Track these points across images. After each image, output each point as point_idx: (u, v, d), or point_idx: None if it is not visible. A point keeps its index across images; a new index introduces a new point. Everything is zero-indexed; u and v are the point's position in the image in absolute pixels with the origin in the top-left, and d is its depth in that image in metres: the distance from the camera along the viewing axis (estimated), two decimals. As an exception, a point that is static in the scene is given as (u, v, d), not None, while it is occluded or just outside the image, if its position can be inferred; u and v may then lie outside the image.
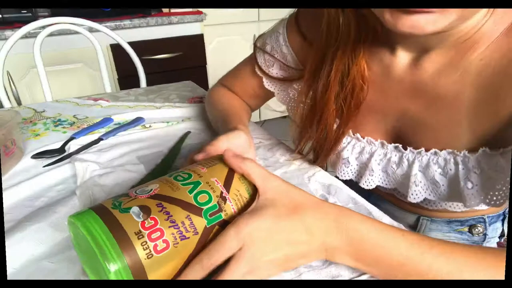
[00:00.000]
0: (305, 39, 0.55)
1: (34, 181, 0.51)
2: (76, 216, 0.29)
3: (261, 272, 0.32)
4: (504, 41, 0.39)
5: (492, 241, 0.58)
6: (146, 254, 0.28)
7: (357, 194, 0.49)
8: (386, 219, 0.43)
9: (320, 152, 0.53)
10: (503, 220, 0.57)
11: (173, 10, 1.81)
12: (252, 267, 0.31)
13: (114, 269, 0.27)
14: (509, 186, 0.40)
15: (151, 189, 0.32)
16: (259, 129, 0.69)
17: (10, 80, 1.46)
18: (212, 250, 0.30)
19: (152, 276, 0.28)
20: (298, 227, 0.33)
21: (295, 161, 0.57)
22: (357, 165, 0.53)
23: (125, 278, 0.27)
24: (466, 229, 0.56)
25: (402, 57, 0.45)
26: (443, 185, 0.45)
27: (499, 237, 0.58)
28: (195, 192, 0.32)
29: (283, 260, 0.33)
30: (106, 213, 0.29)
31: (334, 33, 0.46)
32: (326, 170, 0.57)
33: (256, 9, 2.11)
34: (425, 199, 0.48)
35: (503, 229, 0.58)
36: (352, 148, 0.52)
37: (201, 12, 1.79)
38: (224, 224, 0.32)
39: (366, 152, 0.51)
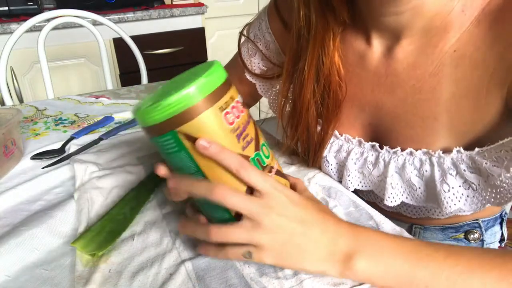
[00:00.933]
0: (285, 25, 0.53)
1: (32, 184, 0.51)
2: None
3: (264, 234, 0.32)
4: (475, 32, 0.38)
5: (492, 247, 0.56)
6: (220, 110, 0.31)
7: (358, 197, 0.48)
8: (388, 223, 0.42)
9: (307, 153, 0.52)
10: (501, 224, 0.56)
11: (175, 2, 1.79)
12: (260, 218, 0.32)
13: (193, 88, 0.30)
14: (489, 189, 0.39)
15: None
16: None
17: (13, 76, 1.46)
18: (249, 168, 0.32)
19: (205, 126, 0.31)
20: (318, 219, 0.34)
21: (295, 162, 0.55)
22: (336, 163, 0.51)
23: (194, 99, 0.30)
24: (462, 235, 0.54)
25: (377, 45, 0.45)
26: (419, 187, 0.44)
27: (499, 242, 0.56)
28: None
29: (289, 233, 0.33)
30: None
31: (300, 26, 0.45)
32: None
33: (256, 1, 2.08)
34: (403, 204, 0.47)
35: (502, 233, 0.56)
36: (330, 146, 0.50)
37: (202, 4, 1.77)
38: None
39: (343, 151, 0.50)
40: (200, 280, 0.35)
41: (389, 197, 0.46)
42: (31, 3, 1.48)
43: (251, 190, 0.34)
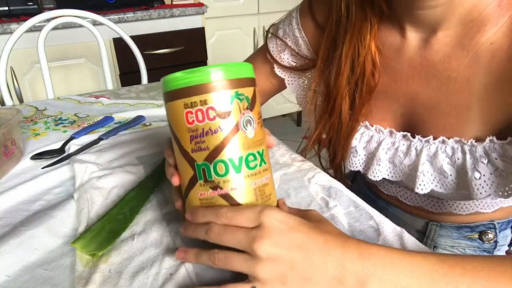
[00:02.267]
0: (318, 25, 0.54)
1: (32, 184, 0.51)
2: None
3: (262, 267, 0.30)
4: None
5: (502, 249, 0.56)
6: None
7: (358, 197, 0.48)
8: (388, 223, 0.42)
9: (337, 145, 0.52)
10: None
11: (175, 2, 1.79)
12: (254, 251, 0.30)
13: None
14: None
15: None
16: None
17: (13, 76, 1.46)
18: (234, 208, 0.33)
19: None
20: (318, 242, 0.31)
21: (295, 162, 0.55)
22: (364, 155, 0.52)
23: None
24: (476, 235, 0.54)
25: (412, 38, 0.45)
26: (451, 175, 0.45)
27: (508, 246, 0.56)
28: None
29: (288, 263, 0.30)
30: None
31: (340, 16, 0.47)
32: (343, 172, 0.55)
33: (256, 1, 2.09)
34: (428, 197, 0.47)
35: None
36: (361, 137, 0.51)
37: (202, 4, 1.77)
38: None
39: (374, 141, 0.51)
40: (201, 280, 0.35)
41: (420, 185, 0.46)
42: (31, 3, 1.48)
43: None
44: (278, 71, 0.60)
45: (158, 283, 0.35)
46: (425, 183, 0.46)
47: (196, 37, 1.80)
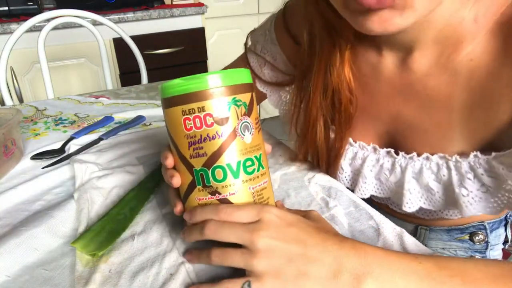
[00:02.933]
0: (293, 38, 0.53)
1: (32, 184, 0.51)
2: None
3: (260, 261, 0.31)
4: (492, 43, 0.38)
5: (496, 248, 0.56)
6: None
7: (358, 198, 0.48)
8: (388, 223, 0.42)
9: (324, 164, 0.52)
10: (505, 226, 0.56)
11: (175, 2, 1.79)
12: (252, 244, 0.31)
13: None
14: (506, 194, 0.39)
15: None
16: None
17: (13, 76, 1.46)
18: (234, 205, 0.34)
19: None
20: (316, 238, 0.32)
21: (295, 162, 0.55)
22: (351, 171, 0.51)
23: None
24: (467, 237, 0.54)
25: (389, 58, 0.45)
26: (438, 192, 0.44)
27: (503, 244, 0.57)
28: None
29: (286, 256, 0.31)
30: None
31: (308, 44, 0.45)
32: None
33: (256, 1, 2.09)
34: (420, 209, 0.47)
35: (506, 235, 0.56)
36: (345, 154, 0.50)
37: (202, 4, 1.77)
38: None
39: (358, 158, 0.50)
40: (201, 281, 0.35)
41: (407, 203, 0.46)
42: (31, 3, 1.48)
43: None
44: (259, 86, 0.59)
45: (158, 283, 0.35)
46: (413, 201, 0.45)
47: (196, 37, 1.80)
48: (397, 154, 0.46)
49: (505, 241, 0.57)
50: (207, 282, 0.34)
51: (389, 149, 0.47)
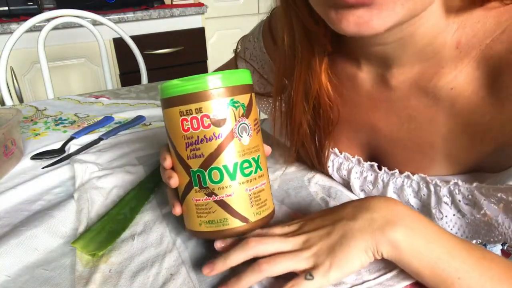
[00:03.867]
0: (276, 44, 0.53)
1: (32, 184, 0.51)
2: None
3: (309, 252, 0.33)
4: (475, 75, 0.36)
5: (495, 250, 0.56)
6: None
7: (358, 198, 0.47)
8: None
9: (315, 164, 0.52)
10: None
11: (175, 2, 1.79)
12: (294, 242, 0.33)
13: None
14: (481, 224, 0.39)
15: None
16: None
17: (13, 76, 1.46)
18: (268, 236, 0.35)
19: None
20: (340, 205, 0.36)
21: (295, 162, 0.55)
22: (342, 180, 0.51)
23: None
24: None
25: (367, 71, 0.44)
26: (417, 209, 0.44)
27: (502, 245, 0.56)
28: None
29: (326, 234, 0.33)
30: None
31: (287, 50, 0.44)
32: None
33: (256, 1, 2.09)
34: None
35: None
36: (332, 164, 0.51)
37: (202, 4, 1.77)
38: None
39: (343, 169, 0.50)
40: (201, 281, 0.35)
41: None
42: (31, 3, 1.48)
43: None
44: None
45: (159, 283, 0.35)
46: None
47: (196, 37, 1.80)
48: (380, 168, 0.46)
49: (504, 242, 0.57)
50: (214, 285, 0.34)
51: (372, 163, 0.47)
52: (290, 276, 0.32)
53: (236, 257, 0.33)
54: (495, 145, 0.38)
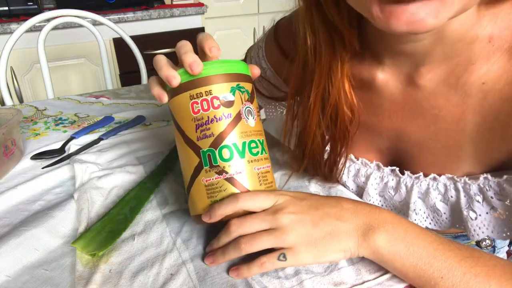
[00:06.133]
0: (285, 55, 0.51)
1: (32, 184, 0.51)
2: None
3: (289, 235, 0.34)
4: (508, 67, 0.36)
5: (502, 251, 0.56)
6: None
7: (358, 198, 0.47)
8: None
9: (326, 178, 0.50)
10: None
11: (175, 2, 1.79)
12: (277, 222, 0.34)
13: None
14: None
15: None
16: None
17: (13, 76, 1.46)
18: (252, 193, 0.35)
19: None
20: (331, 201, 0.36)
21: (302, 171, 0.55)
22: (356, 187, 0.51)
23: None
24: (474, 242, 0.54)
25: (391, 72, 0.42)
26: (444, 213, 0.43)
27: (508, 245, 0.56)
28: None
29: (310, 222, 0.34)
30: None
31: (309, 53, 0.42)
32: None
33: (256, 1, 2.09)
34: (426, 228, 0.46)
35: None
36: (348, 171, 0.49)
37: (202, 4, 1.77)
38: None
39: (361, 175, 0.49)
40: (201, 281, 0.35)
41: None
42: (31, 3, 1.48)
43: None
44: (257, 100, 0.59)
45: (159, 283, 0.35)
46: (418, 221, 0.45)
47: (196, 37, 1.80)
48: (402, 173, 0.45)
49: (510, 242, 0.56)
50: (215, 285, 0.34)
51: (393, 168, 0.46)
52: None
53: (223, 241, 0.36)
54: None
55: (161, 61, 0.36)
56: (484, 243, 0.53)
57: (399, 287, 0.34)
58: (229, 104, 0.36)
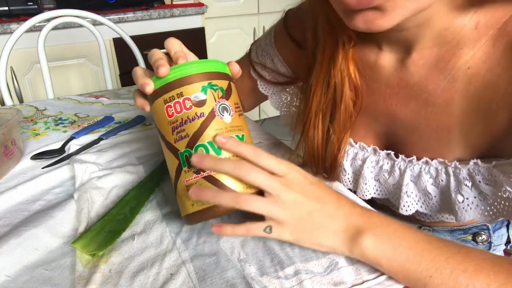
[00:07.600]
0: (295, 41, 0.54)
1: (32, 184, 0.51)
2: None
3: (283, 210, 0.35)
4: (491, 52, 0.37)
5: (498, 249, 0.56)
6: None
7: (358, 198, 0.47)
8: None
9: (319, 169, 0.51)
10: (507, 226, 0.56)
11: (175, 2, 1.80)
12: (280, 194, 0.35)
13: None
14: (502, 202, 0.39)
15: None
16: (258, 129, 0.67)
17: (13, 76, 1.46)
18: (269, 155, 0.36)
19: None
20: (332, 197, 0.37)
21: (294, 162, 0.55)
22: (352, 172, 0.51)
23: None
24: (470, 237, 0.54)
25: (388, 58, 0.45)
26: (435, 196, 0.44)
27: (505, 244, 0.56)
28: None
29: (306, 209, 0.35)
30: None
31: (314, 38, 0.46)
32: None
33: (256, 1, 2.09)
34: (417, 212, 0.47)
35: (508, 235, 0.56)
36: (346, 154, 0.50)
37: (202, 4, 1.77)
38: None
39: (358, 159, 0.50)
40: (201, 281, 0.35)
41: (404, 206, 0.46)
42: (31, 3, 1.48)
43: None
44: (261, 87, 0.59)
45: (159, 283, 0.35)
46: (409, 204, 0.46)
47: (196, 37, 1.80)
48: (397, 156, 0.46)
49: (507, 242, 0.57)
50: (215, 284, 0.34)
51: (389, 151, 0.47)
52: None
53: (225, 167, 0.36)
54: (508, 125, 0.38)
55: (137, 72, 0.39)
56: (480, 238, 0.53)
57: (398, 287, 0.34)
58: (201, 103, 0.36)
